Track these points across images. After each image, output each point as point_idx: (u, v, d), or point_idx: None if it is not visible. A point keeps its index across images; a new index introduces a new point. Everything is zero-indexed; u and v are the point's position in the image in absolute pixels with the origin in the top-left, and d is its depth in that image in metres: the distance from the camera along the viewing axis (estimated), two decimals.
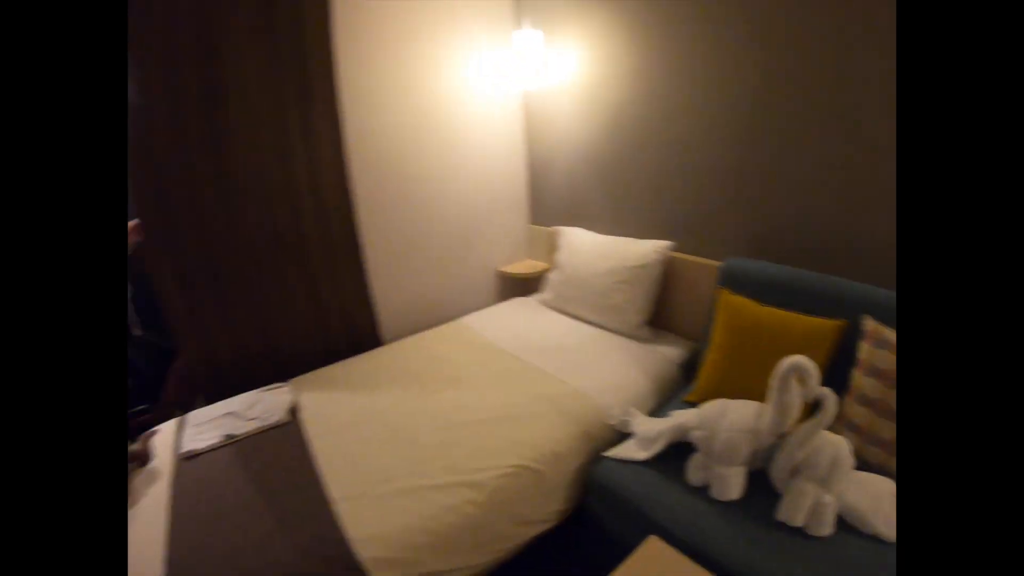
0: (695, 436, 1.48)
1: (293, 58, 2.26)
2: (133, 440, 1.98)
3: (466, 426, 1.89)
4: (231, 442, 2.01)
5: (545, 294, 2.79)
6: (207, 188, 2.23)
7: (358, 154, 2.54)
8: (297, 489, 1.71)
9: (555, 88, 2.75)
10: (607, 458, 1.66)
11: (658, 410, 1.82)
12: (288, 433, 2.00)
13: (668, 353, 2.21)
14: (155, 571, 1.45)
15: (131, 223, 2.22)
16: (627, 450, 1.63)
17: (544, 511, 1.72)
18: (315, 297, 2.59)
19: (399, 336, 2.81)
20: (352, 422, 2.03)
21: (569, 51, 2.61)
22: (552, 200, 3.01)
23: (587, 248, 2.51)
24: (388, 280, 2.81)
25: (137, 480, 1.90)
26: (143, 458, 1.97)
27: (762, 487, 1.42)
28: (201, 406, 2.29)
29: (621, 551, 1.37)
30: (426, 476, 1.67)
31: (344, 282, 2.66)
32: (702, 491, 1.43)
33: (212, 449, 1.99)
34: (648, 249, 2.28)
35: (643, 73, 2.30)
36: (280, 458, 1.88)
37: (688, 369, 2.17)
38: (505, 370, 2.21)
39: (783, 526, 1.30)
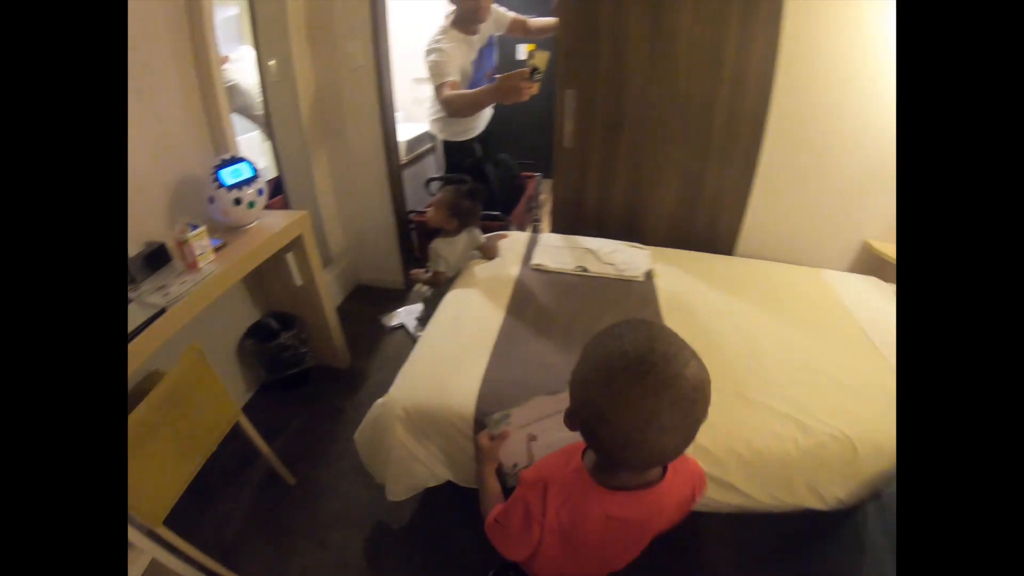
0: None
1: None
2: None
3: (809, 372, 1.92)
4: (583, 274, 2.39)
5: None
6: (639, 47, 2.54)
7: (786, 65, 2.54)
8: None
9: None
10: None
11: None
12: (641, 292, 2.32)
13: None
14: (487, 344, 1.88)
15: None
16: None
17: (833, 490, 1.71)
18: (696, 181, 2.83)
19: (750, 254, 2.98)
20: (704, 310, 2.25)
21: None
22: None
23: None
24: (765, 198, 2.87)
25: (480, 268, 2.42)
26: (490, 253, 2.51)
27: None
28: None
29: (863, 564, 1.53)
30: (767, 396, 1.77)
31: (729, 180, 2.82)
32: None
33: (562, 272, 2.40)
34: None
35: None
36: (627, 309, 2.17)
37: None
38: (854, 340, 2.16)
39: None
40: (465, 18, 2.71)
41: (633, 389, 0.77)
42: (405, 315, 3.05)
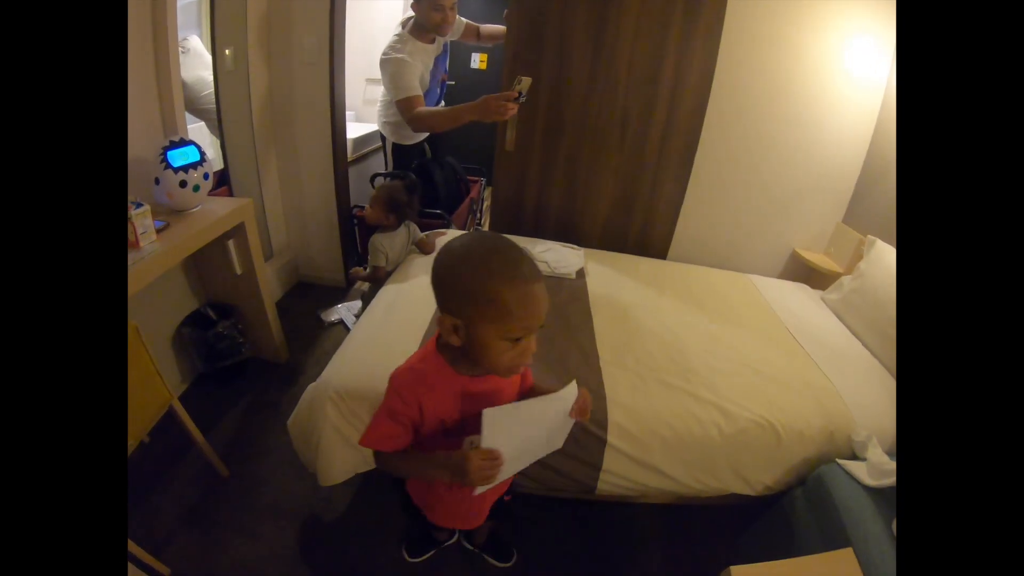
0: None
1: None
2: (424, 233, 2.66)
3: (733, 363, 2.03)
4: None
5: (831, 294, 2.74)
6: (582, 58, 2.68)
7: (720, 86, 2.74)
8: (569, 332, 2.10)
9: None
10: (838, 464, 1.67)
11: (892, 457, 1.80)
12: (572, 288, 2.45)
13: None
14: (419, 331, 1.94)
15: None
16: (858, 469, 1.64)
17: (759, 475, 1.81)
18: (631, 188, 2.99)
19: (683, 259, 3.14)
20: (632, 307, 2.37)
21: None
22: (874, 207, 2.83)
23: (895, 272, 2.33)
24: (697, 207, 3.06)
25: (418, 263, 2.47)
26: (427, 248, 2.58)
27: None
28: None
29: (792, 548, 1.56)
30: (689, 383, 1.87)
31: (663, 187, 2.99)
32: None
33: None
34: None
35: None
36: (558, 304, 2.28)
37: None
38: (779, 337, 2.32)
39: None
40: (427, 28, 2.73)
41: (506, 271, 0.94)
42: (344, 311, 3.06)
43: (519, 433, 1.06)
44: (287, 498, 1.97)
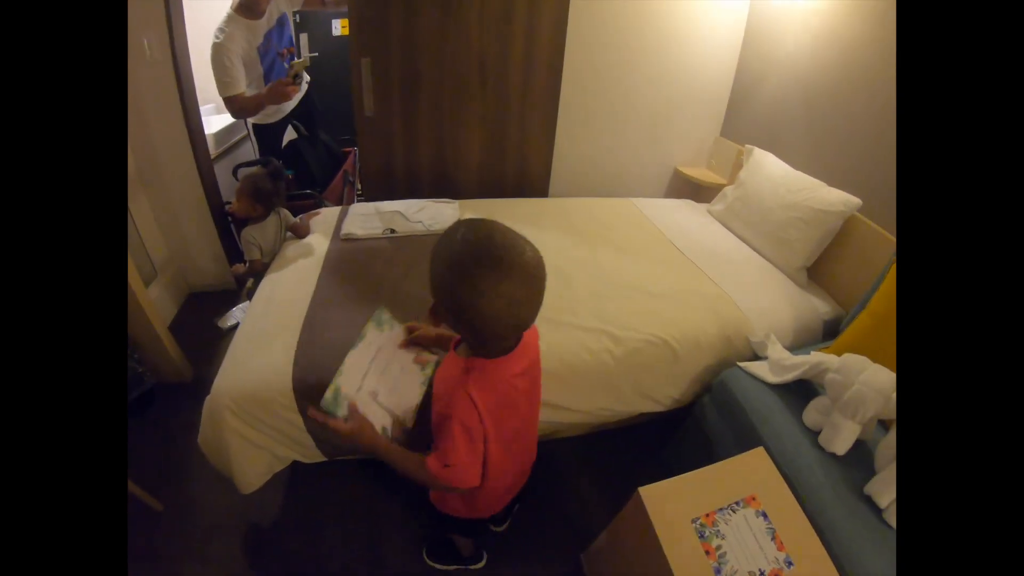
0: (829, 378, 1.47)
1: None
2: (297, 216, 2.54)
3: (620, 288, 2.05)
4: (392, 236, 2.41)
5: (716, 205, 2.81)
6: (431, 7, 2.54)
7: (577, 17, 2.69)
8: None
9: (789, 6, 2.57)
10: (739, 367, 1.70)
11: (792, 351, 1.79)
12: None
13: (818, 306, 2.13)
14: (299, 317, 1.84)
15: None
16: (759, 368, 1.68)
17: (664, 391, 1.87)
18: (500, 132, 2.91)
19: (565, 194, 3.12)
20: None
21: None
22: (749, 119, 2.84)
23: (776, 176, 2.44)
24: (571, 140, 3.04)
25: (292, 248, 2.36)
26: (301, 232, 2.48)
27: (867, 457, 1.43)
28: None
29: (711, 455, 1.61)
30: (576, 316, 1.86)
31: (533, 126, 2.93)
32: (812, 434, 1.47)
33: (372, 238, 2.40)
34: (837, 199, 2.15)
35: (883, 14, 2.09)
36: None
37: (830, 330, 2.08)
38: (666, 255, 2.35)
39: (867, 499, 1.32)
40: (248, 4, 2.61)
41: (489, 277, 0.91)
42: (239, 314, 2.95)
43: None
44: (224, 514, 1.94)
